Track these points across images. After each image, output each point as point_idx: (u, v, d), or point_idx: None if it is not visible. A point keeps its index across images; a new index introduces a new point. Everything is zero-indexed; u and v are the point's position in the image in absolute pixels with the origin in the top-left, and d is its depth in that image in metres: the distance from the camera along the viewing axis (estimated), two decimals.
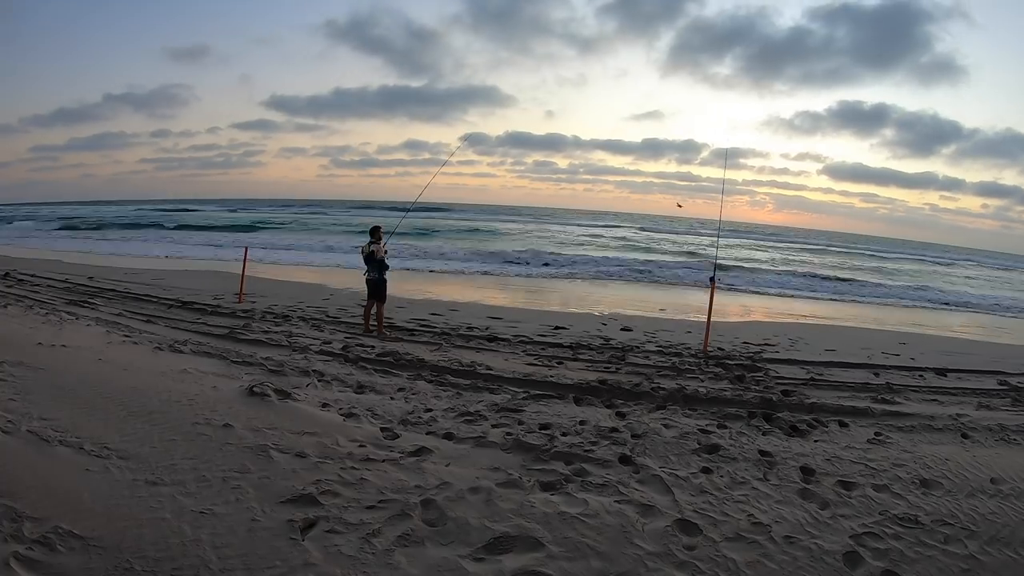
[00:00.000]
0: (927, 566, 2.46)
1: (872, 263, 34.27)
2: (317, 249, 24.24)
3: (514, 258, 22.26)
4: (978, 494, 3.10)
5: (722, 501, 2.88)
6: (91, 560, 2.12)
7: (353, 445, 3.33)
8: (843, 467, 3.45)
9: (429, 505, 2.65)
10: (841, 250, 43.89)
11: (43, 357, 4.49)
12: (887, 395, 5.64)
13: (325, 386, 4.95)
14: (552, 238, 35.34)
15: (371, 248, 8.36)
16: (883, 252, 46.18)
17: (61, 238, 29.32)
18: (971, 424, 4.54)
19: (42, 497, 2.43)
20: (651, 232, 45.95)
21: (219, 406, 3.68)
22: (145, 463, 2.85)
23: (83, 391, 3.75)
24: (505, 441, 3.62)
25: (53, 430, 3.05)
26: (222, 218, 43.77)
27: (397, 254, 17.73)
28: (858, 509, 2.88)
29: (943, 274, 32.60)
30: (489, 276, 17.97)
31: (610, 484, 2.98)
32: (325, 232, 33.54)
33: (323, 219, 43.77)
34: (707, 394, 5.32)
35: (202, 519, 2.41)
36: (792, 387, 5.85)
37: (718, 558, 2.39)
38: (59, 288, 10.65)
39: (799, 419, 4.52)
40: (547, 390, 5.30)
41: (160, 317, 8.28)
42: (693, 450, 3.61)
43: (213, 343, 6.58)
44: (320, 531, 2.40)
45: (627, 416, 4.45)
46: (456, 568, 2.23)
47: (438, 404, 4.62)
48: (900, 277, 27.22)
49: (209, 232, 31.58)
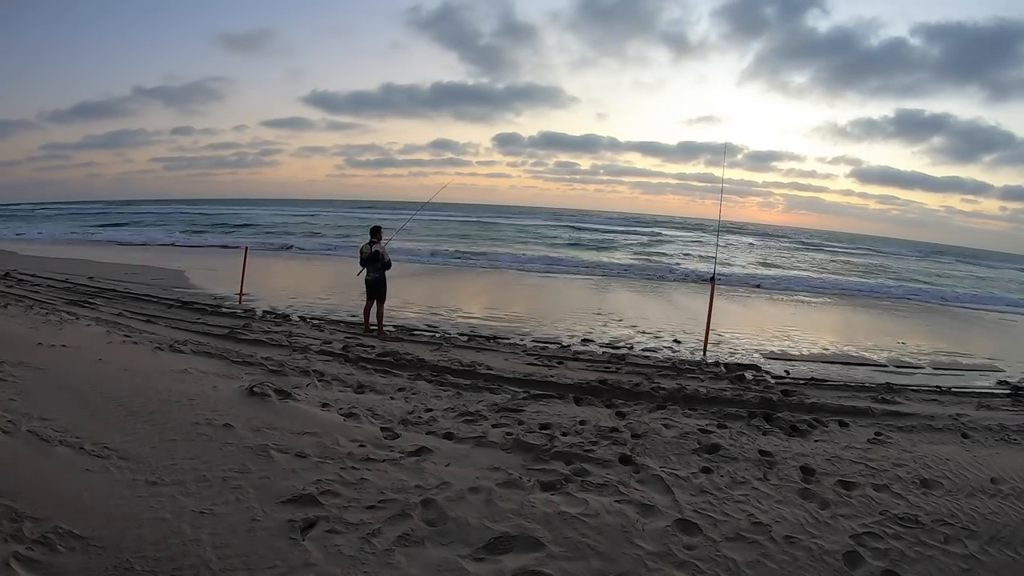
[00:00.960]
0: (927, 566, 2.46)
1: (834, 257, 34.67)
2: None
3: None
4: (978, 494, 3.10)
5: (722, 501, 2.88)
6: (91, 560, 2.12)
7: (353, 445, 3.33)
8: (843, 467, 3.45)
9: (429, 505, 2.65)
10: (816, 247, 43.84)
11: (43, 357, 4.49)
12: (887, 395, 5.64)
13: (325, 386, 4.95)
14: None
15: (372, 248, 8.35)
16: (862, 249, 46.52)
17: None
18: (971, 424, 4.55)
19: (42, 497, 2.43)
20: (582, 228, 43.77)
21: (219, 406, 3.67)
22: (145, 463, 2.85)
23: (83, 391, 3.74)
24: (505, 441, 3.62)
25: (53, 430, 3.05)
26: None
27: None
28: (858, 509, 2.88)
29: (886, 267, 32.82)
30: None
31: (610, 484, 2.98)
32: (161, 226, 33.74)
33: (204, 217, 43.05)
34: (707, 394, 5.33)
35: (202, 519, 2.41)
36: (792, 387, 5.85)
37: (718, 558, 2.39)
38: (59, 288, 10.65)
39: (799, 419, 4.52)
40: (547, 390, 5.30)
41: (160, 317, 8.28)
42: (693, 450, 3.61)
43: (213, 343, 6.58)
44: (320, 531, 2.40)
45: (627, 416, 4.45)
46: (456, 568, 2.23)
47: (438, 404, 4.62)
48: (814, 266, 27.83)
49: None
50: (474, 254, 23.05)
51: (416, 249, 22.82)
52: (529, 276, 17.83)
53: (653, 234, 41.98)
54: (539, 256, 23.19)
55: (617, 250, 30.05)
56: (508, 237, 33.33)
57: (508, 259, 22.01)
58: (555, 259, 22.61)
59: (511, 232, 36.93)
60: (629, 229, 45.64)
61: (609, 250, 29.76)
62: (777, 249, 39.80)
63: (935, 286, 23.33)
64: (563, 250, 27.59)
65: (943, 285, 24.37)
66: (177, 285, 11.93)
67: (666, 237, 40.44)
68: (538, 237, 34.30)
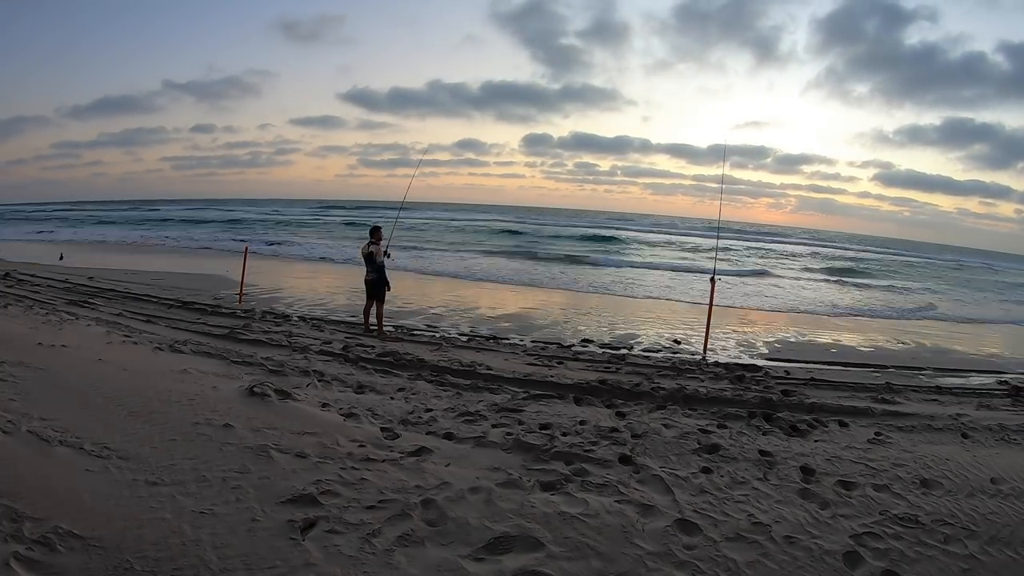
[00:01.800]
0: (927, 566, 2.46)
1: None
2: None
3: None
4: (978, 494, 3.10)
5: (722, 501, 2.88)
6: (91, 560, 2.12)
7: (353, 445, 3.33)
8: (843, 467, 3.45)
9: (429, 505, 2.65)
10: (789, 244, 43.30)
11: (43, 357, 4.49)
12: (887, 395, 5.64)
13: (325, 386, 4.95)
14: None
15: (370, 249, 8.39)
16: (836, 246, 46.23)
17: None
18: (971, 424, 4.55)
19: (42, 497, 2.43)
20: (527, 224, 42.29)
21: (219, 406, 3.67)
22: (145, 463, 2.85)
23: (83, 391, 3.74)
24: (505, 441, 3.62)
25: (53, 430, 3.05)
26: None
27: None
28: (858, 509, 2.88)
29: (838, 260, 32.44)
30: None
31: (610, 484, 2.98)
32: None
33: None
34: (707, 394, 5.33)
35: (202, 519, 2.41)
36: (792, 387, 5.85)
37: (718, 558, 2.39)
38: (59, 288, 10.65)
39: (799, 419, 4.52)
40: (547, 390, 5.30)
41: (160, 317, 8.28)
42: (693, 450, 3.61)
43: (213, 343, 6.59)
44: (320, 531, 2.40)
45: (627, 416, 4.45)
46: (456, 568, 2.23)
47: (438, 404, 4.62)
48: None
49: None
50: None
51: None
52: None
53: (607, 236, 38.14)
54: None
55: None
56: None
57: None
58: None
59: (434, 232, 34.68)
60: (576, 227, 43.93)
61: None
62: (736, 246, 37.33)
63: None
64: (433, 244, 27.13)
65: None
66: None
67: (622, 237, 37.37)
68: (457, 234, 33.53)
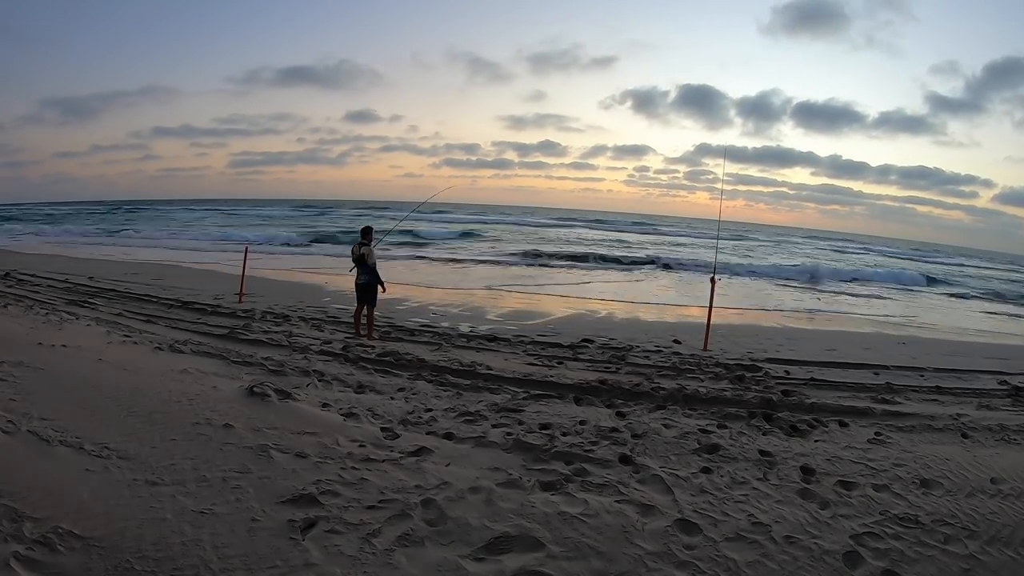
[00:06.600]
0: (927, 566, 2.46)
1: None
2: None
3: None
4: (978, 494, 3.09)
5: (722, 501, 2.88)
6: (91, 560, 2.12)
7: (353, 445, 3.33)
8: (843, 467, 3.45)
9: (429, 505, 2.65)
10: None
11: (43, 357, 4.49)
12: (887, 395, 5.64)
13: (325, 386, 4.95)
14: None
15: (361, 251, 8.07)
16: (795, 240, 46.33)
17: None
18: (971, 424, 4.54)
19: (42, 497, 2.43)
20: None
21: (219, 406, 3.67)
22: (145, 463, 2.85)
23: (83, 391, 3.74)
24: (505, 441, 3.62)
25: (53, 430, 3.05)
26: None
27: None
28: (858, 509, 2.88)
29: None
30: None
31: (610, 484, 2.98)
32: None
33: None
34: (707, 394, 5.32)
35: (202, 519, 2.41)
36: (792, 387, 5.85)
37: (718, 558, 2.39)
38: (59, 288, 10.65)
39: (799, 419, 4.52)
40: (547, 390, 5.30)
41: (160, 317, 8.28)
42: (693, 450, 3.61)
43: (213, 343, 6.58)
44: (320, 531, 2.40)
45: (627, 416, 4.45)
46: (456, 568, 2.23)
47: (438, 404, 4.62)
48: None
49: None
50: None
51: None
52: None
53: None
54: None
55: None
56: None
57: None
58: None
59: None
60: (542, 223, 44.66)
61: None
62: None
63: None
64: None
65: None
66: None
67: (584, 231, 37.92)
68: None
